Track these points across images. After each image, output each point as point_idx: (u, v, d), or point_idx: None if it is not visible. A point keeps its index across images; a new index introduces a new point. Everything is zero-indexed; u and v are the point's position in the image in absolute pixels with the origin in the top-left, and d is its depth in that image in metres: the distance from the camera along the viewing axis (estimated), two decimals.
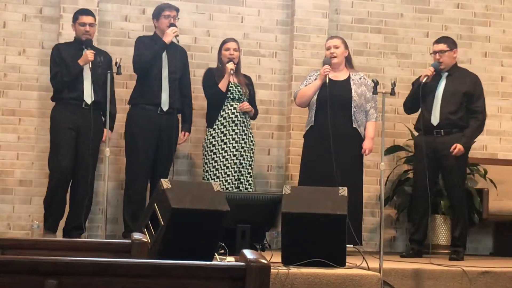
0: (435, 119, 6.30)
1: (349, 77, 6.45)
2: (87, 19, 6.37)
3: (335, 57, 6.40)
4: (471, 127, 6.34)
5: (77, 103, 6.27)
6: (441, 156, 6.28)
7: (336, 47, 6.44)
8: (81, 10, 6.45)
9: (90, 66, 6.25)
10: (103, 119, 6.32)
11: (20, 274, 2.08)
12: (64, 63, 6.29)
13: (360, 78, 6.48)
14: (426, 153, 6.20)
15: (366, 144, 6.36)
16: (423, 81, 6.24)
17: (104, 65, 6.19)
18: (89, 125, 6.19)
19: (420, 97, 6.25)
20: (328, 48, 6.47)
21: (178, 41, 6.50)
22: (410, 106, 6.48)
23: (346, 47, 6.51)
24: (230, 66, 6.46)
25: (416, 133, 6.63)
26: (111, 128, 6.40)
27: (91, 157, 6.27)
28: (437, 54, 6.36)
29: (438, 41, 6.47)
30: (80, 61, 6.26)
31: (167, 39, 6.43)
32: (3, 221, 6.79)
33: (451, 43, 6.44)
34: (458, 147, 6.23)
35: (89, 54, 6.23)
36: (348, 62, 6.53)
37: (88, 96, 6.26)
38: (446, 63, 6.37)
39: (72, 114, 6.27)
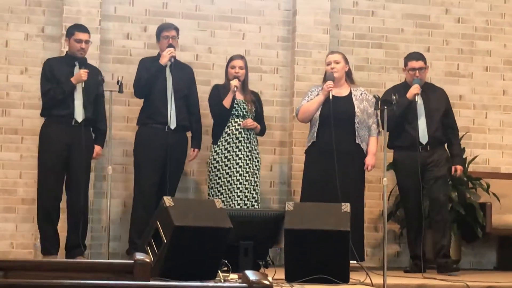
0: (424, 137, 6.35)
1: (350, 93, 6.46)
2: (83, 36, 6.33)
3: (335, 72, 6.40)
4: (455, 144, 6.51)
5: (68, 121, 6.22)
6: (426, 170, 6.33)
7: (337, 62, 6.45)
8: (77, 26, 6.42)
9: (83, 86, 6.22)
10: (93, 135, 6.35)
11: None
12: (56, 80, 6.25)
13: (361, 94, 6.49)
14: (411, 170, 6.26)
15: (369, 160, 6.36)
16: (416, 99, 6.29)
17: (95, 82, 6.19)
18: (80, 142, 6.15)
19: (416, 112, 6.29)
20: (329, 63, 6.48)
21: (172, 62, 6.44)
22: (394, 125, 6.26)
23: (347, 62, 6.53)
24: (234, 83, 6.48)
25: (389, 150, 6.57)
26: (101, 145, 6.40)
27: (83, 175, 6.24)
28: (417, 71, 6.43)
29: (417, 58, 6.53)
30: (73, 80, 6.21)
31: (162, 61, 6.45)
32: (6, 239, 6.78)
33: (425, 59, 6.57)
34: (459, 169, 6.43)
35: (83, 73, 6.18)
36: (349, 77, 6.54)
37: (79, 114, 6.20)
38: (423, 80, 6.48)
39: (62, 132, 6.21)
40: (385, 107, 5.49)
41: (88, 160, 6.31)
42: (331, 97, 6.27)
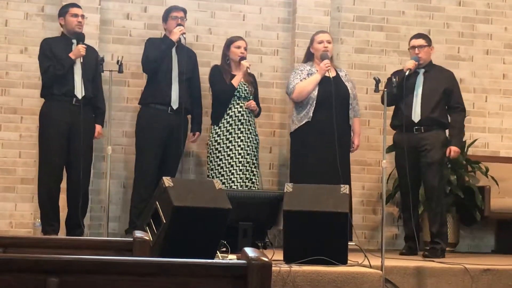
0: (416, 116, 6.22)
1: (337, 73, 6.47)
2: (78, 10, 6.34)
3: (329, 51, 6.41)
4: (457, 124, 6.28)
5: (68, 100, 6.19)
6: (421, 152, 6.19)
7: (329, 42, 6.45)
8: (69, 4, 6.42)
9: (81, 61, 6.21)
10: (94, 115, 6.34)
11: (22, 273, 2.08)
12: (55, 57, 6.24)
13: (345, 75, 6.55)
14: (407, 151, 6.14)
15: (357, 141, 6.49)
16: (406, 73, 6.17)
17: (93, 61, 6.18)
18: (80, 121, 6.13)
19: (404, 91, 6.14)
20: (321, 42, 6.43)
21: (185, 39, 6.52)
22: (389, 98, 6.35)
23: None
24: (246, 64, 6.48)
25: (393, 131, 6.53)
26: (102, 124, 6.40)
27: (84, 154, 6.22)
28: (416, 48, 6.33)
29: (416, 36, 6.45)
30: (72, 55, 6.20)
31: (174, 37, 6.48)
32: (5, 219, 6.79)
33: (428, 40, 6.45)
34: (453, 150, 6.21)
35: (81, 48, 6.18)
36: (331, 58, 6.55)
37: (79, 91, 6.20)
38: (424, 59, 6.34)
39: (63, 112, 6.19)
40: (385, 89, 5.48)
41: (90, 139, 6.32)
42: (331, 76, 6.27)
